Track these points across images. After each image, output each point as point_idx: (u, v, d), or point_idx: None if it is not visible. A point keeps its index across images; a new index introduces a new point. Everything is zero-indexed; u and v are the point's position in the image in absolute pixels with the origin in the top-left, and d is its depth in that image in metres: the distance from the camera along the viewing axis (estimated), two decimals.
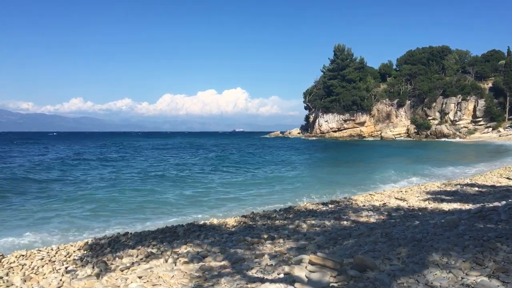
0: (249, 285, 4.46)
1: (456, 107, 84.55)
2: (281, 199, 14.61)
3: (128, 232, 8.82)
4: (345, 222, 8.74)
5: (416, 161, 31.23)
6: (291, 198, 14.90)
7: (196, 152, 44.20)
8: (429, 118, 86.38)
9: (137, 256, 6.81)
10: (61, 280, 5.72)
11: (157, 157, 36.51)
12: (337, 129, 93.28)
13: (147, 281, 5.20)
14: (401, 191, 13.94)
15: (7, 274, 6.18)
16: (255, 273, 4.99)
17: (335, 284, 3.92)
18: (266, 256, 6.02)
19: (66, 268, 6.40)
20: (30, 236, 9.31)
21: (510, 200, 8.80)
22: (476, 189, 13.68)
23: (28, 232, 9.53)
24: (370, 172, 23.99)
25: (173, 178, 20.69)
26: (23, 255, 7.18)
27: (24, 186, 17.21)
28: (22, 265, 6.59)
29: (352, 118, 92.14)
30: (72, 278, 5.79)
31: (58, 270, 6.29)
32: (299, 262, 4.96)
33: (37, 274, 6.18)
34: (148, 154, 41.12)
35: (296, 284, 3.97)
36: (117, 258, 6.76)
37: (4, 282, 5.78)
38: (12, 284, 5.73)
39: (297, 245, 6.69)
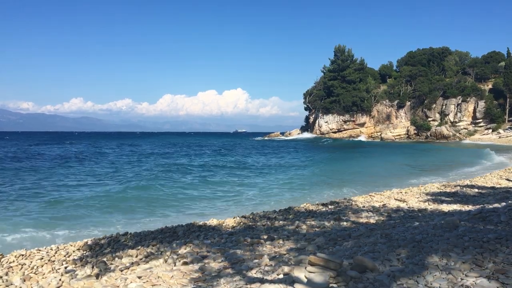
0: (248, 286, 4.46)
1: (456, 108, 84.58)
2: (281, 199, 14.63)
3: (127, 232, 8.82)
4: (344, 223, 8.73)
5: (415, 161, 31.24)
6: (291, 198, 14.91)
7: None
8: (429, 119, 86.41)
9: (136, 256, 6.80)
10: (60, 280, 5.71)
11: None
12: (337, 130, 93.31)
13: (147, 281, 5.20)
14: (401, 192, 13.94)
15: (6, 274, 6.18)
16: (255, 273, 4.99)
17: (335, 285, 3.91)
18: (265, 256, 6.01)
19: (65, 268, 6.40)
20: None
21: (510, 202, 8.80)
22: (476, 190, 13.68)
23: None
24: (370, 173, 24.00)
25: None
26: (22, 255, 7.18)
27: None
28: (22, 265, 6.59)
29: (352, 119, 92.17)
30: (72, 278, 5.78)
31: (58, 270, 6.29)
32: (298, 263, 4.96)
33: (36, 274, 6.18)
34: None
35: (296, 285, 3.97)
36: (116, 258, 6.76)
37: (3, 282, 5.78)
38: (12, 284, 5.72)
39: (296, 246, 6.69)
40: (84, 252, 7.44)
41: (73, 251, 7.48)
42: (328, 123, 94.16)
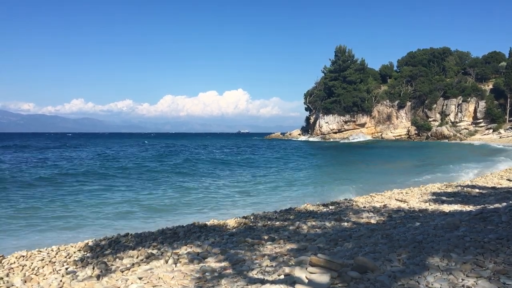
0: (249, 286, 4.46)
1: (456, 108, 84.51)
2: (281, 200, 14.63)
3: (128, 233, 8.82)
4: (345, 224, 8.72)
5: (416, 162, 31.23)
6: (292, 198, 14.90)
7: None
8: (430, 119, 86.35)
9: (137, 257, 6.80)
10: (61, 281, 5.71)
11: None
12: (337, 131, 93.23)
13: (148, 282, 5.20)
14: (402, 193, 13.92)
15: (7, 275, 6.19)
16: (256, 274, 4.99)
17: (336, 286, 3.91)
18: (266, 257, 6.01)
19: (66, 269, 6.40)
20: None
21: (511, 202, 8.79)
22: (477, 190, 13.65)
23: None
24: (370, 172, 23.99)
25: None
26: (23, 256, 7.19)
27: None
28: (23, 266, 6.60)
29: (352, 119, 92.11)
30: (73, 279, 5.79)
31: (59, 271, 6.30)
32: (299, 263, 4.96)
33: (37, 275, 6.18)
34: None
35: (297, 285, 3.97)
36: (117, 259, 6.76)
37: (4, 283, 5.79)
38: (13, 285, 5.73)
39: (297, 246, 6.69)
40: (85, 253, 7.44)
41: (74, 252, 7.49)
42: (329, 124, 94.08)
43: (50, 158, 34.29)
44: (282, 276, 4.58)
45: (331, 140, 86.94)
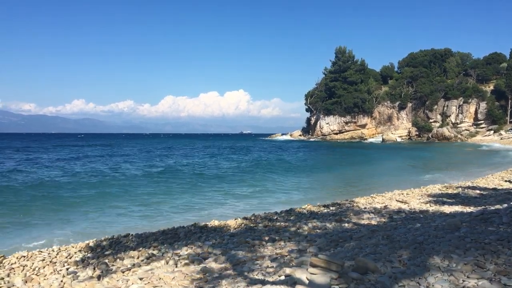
0: (250, 287, 4.46)
1: (457, 109, 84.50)
2: (282, 201, 14.62)
3: (129, 234, 8.82)
4: (346, 224, 8.72)
5: (415, 163, 31.21)
6: (293, 199, 14.90)
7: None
8: (431, 120, 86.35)
9: (138, 258, 6.81)
10: (62, 281, 5.72)
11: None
12: (338, 131, 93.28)
13: (148, 282, 5.20)
14: (402, 194, 13.91)
15: (8, 275, 6.20)
16: (256, 275, 4.99)
17: (336, 287, 3.91)
18: (267, 258, 6.01)
19: (67, 269, 6.41)
20: None
21: (511, 203, 8.78)
22: (478, 191, 13.65)
23: None
24: (371, 174, 23.99)
25: None
26: (24, 256, 7.19)
27: None
28: (23, 266, 6.61)
29: (353, 120, 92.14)
30: (73, 280, 5.80)
31: (59, 272, 6.30)
32: (300, 264, 4.96)
33: (38, 275, 6.18)
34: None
35: (297, 286, 3.97)
36: (118, 260, 6.77)
37: (5, 283, 5.80)
38: (13, 285, 5.74)
39: (298, 247, 6.69)
40: (86, 253, 7.44)
41: (75, 253, 7.49)
42: (330, 125, 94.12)
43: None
44: (282, 277, 4.58)
45: (332, 140, 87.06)
